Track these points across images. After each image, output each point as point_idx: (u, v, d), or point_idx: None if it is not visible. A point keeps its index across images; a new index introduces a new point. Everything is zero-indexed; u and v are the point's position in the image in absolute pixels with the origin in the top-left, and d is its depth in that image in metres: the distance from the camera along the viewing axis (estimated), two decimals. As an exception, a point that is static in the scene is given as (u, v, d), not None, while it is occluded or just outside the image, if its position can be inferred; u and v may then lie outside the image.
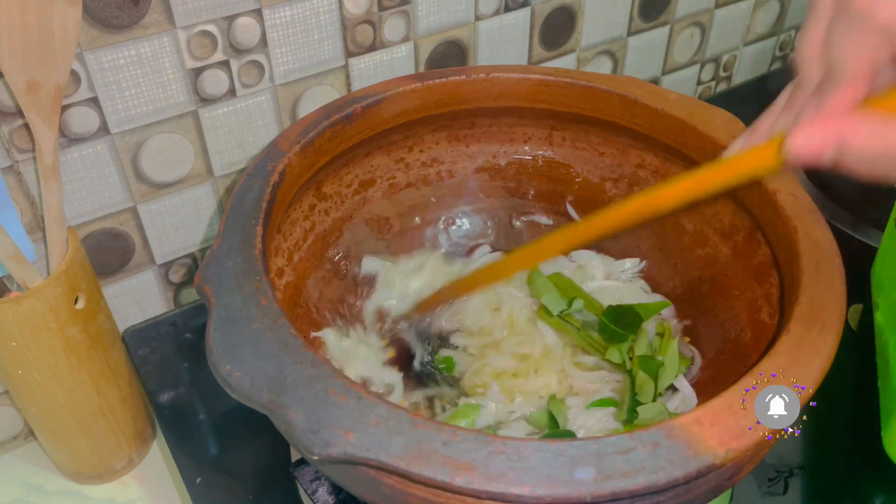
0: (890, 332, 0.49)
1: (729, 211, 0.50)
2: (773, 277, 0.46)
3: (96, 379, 0.50)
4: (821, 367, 0.34)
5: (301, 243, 0.51)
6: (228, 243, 0.40)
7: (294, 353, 0.34)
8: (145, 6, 0.48)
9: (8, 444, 0.59)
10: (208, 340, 0.35)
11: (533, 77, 0.54)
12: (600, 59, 0.74)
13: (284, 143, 0.47)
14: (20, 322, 0.44)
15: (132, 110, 0.51)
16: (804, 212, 0.43)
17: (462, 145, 0.58)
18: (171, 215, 0.57)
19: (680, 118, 0.50)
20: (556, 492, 0.30)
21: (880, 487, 0.49)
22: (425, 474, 0.30)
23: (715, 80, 0.87)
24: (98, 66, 0.48)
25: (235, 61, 0.53)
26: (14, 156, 0.48)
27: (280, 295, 0.47)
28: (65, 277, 0.46)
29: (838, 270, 0.39)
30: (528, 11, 0.65)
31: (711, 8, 0.79)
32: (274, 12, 0.53)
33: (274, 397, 0.32)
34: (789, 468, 0.49)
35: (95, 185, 0.52)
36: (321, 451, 0.31)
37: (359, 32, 0.57)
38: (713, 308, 0.50)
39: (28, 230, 0.50)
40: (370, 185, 0.56)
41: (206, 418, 0.54)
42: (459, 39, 0.63)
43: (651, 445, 0.31)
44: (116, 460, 0.55)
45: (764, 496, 0.48)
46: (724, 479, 0.35)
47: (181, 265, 0.60)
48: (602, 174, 0.57)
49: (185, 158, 0.55)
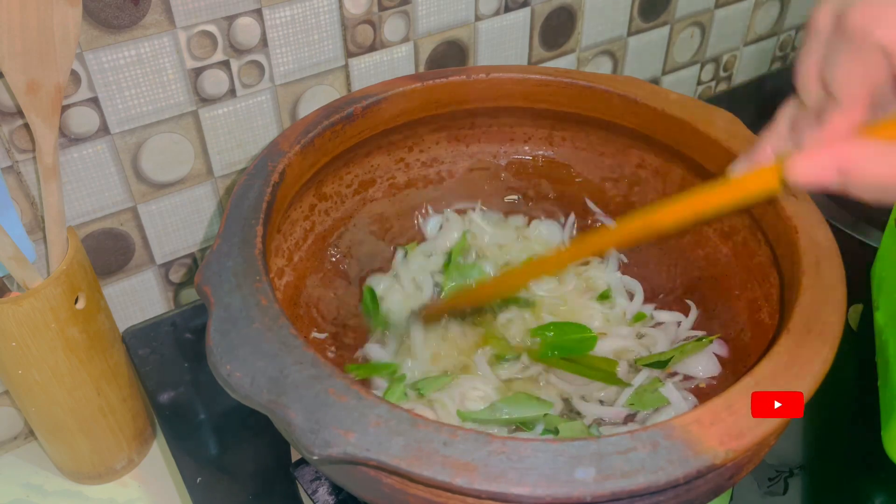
0: (890, 332, 0.49)
1: (729, 211, 0.50)
2: (773, 277, 0.46)
3: (96, 379, 0.50)
4: (821, 367, 0.34)
5: (301, 243, 0.51)
6: (228, 243, 0.40)
7: (294, 353, 0.34)
8: (145, 6, 0.48)
9: (8, 444, 0.59)
10: (208, 340, 0.35)
11: (533, 77, 0.54)
12: (600, 59, 0.74)
13: (284, 143, 0.47)
14: (20, 322, 0.44)
15: (132, 110, 0.51)
16: (804, 212, 0.43)
17: (462, 145, 0.58)
18: (171, 215, 0.57)
19: (680, 118, 0.50)
20: (556, 492, 0.30)
21: (880, 487, 0.49)
22: (425, 474, 0.30)
23: (715, 80, 0.87)
24: (98, 66, 0.48)
25: (235, 61, 0.53)
26: (14, 156, 0.48)
27: (280, 295, 0.47)
28: (65, 277, 0.46)
29: (838, 270, 0.39)
30: (528, 11, 0.65)
31: (711, 8, 0.79)
32: (274, 12, 0.53)
33: (274, 397, 0.32)
34: (789, 468, 0.49)
35: (95, 185, 0.52)
36: (321, 451, 0.31)
37: (359, 32, 0.57)
38: (713, 308, 0.50)
39: (28, 230, 0.50)
40: (370, 185, 0.56)
41: (206, 418, 0.54)
42: (459, 39, 0.63)
43: (651, 445, 0.31)
44: (116, 460, 0.55)
45: (764, 496, 0.48)
46: (724, 479, 0.35)
47: (181, 265, 0.60)
48: (602, 174, 0.57)
49: (185, 158, 0.55)
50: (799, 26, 0.90)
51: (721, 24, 0.81)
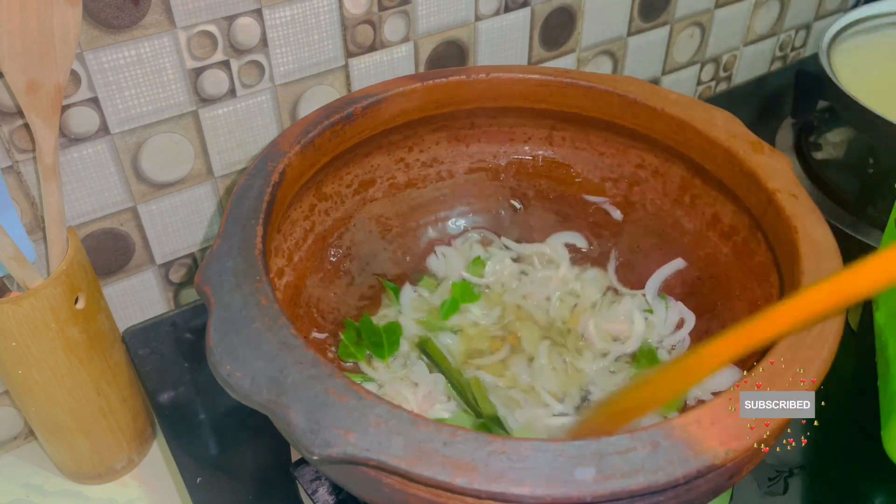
0: (890, 332, 0.49)
1: (729, 211, 0.50)
2: (773, 277, 0.46)
3: (96, 379, 0.50)
4: (821, 367, 0.34)
5: (301, 243, 0.51)
6: (228, 243, 0.40)
7: (294, 353, 0.34)
8: (145, 6, 0.48)
9: (8, 444, 0.59)
10: (208, 340, 0.35)
11: (533, 77, 0.54)
12: (600, 59, 0.74)
13: (284, 143, 0.47)
14: (20, 322, 0.44)
15: (132, 110, 0.51)
16: (804, 212, 0.43)
17: (462, 145, 0.58)
18: (171, 215, 0.57)
19: (680, 118, 0.50)
20: (556, 492, 0.30)
21: (880, 487, 0.49)
22: (425, 474, 0.30)
23: (715, 80, 0.87)
24: (98, 66, 0.48)
25: (235, 61, 0.53)
26: (14, 156, 0.48)
27: (280, 295, 0.47)
28: (65, 277, 0.46)
29: (838, 270, 0.39)
30: (528, 11, 0.65)
31: (711, 8, 0.79)
32: (274, 12, 0.53)
33: (274, 397, 0.32)
34: (789, 468, 0.49)
35: (95, 185, 0.52)
36: (321, 451, 0.31)
37: (359, 32, 0.57)
38: (713, 308, 0.50)
39: (28, 230, 0.50)
40: (370, 185, 0.56)
41: (206, 418, 0.54)
42: (459, 39, 0.63)
43: (651, 445, 0.31)
44: (116, 460, 0.55)
45: (764, 496, 0.48)
46: (724, 479, 0.35)
47: (181, 265, 0.60)
48: (602, 174, 0.57)
49: (185, 158, 0.55)
50: (799, 26, 0.90)
51: (721, 24, 0.81)
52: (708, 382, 0.46)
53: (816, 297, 0.31)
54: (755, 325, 0.32)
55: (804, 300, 0.31)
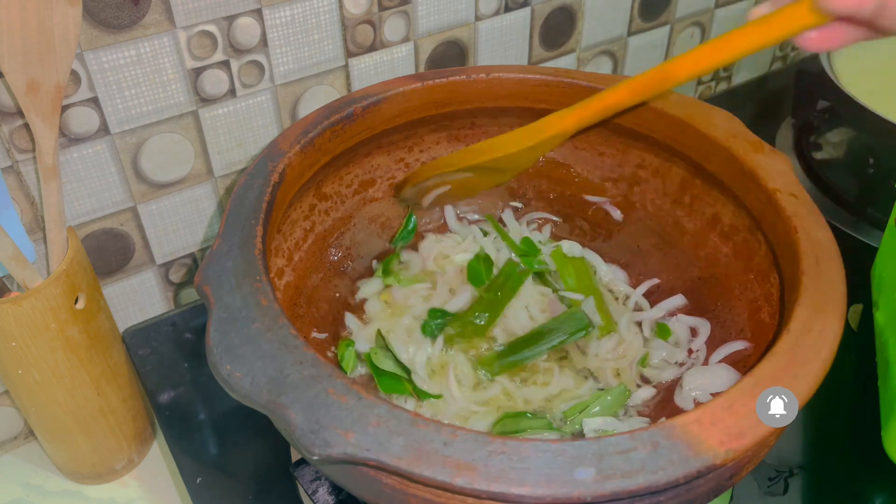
0: (890, 332, 0.49)
1: (729, 211, 0.50)
2: (773, 277, 0.46)
3: (96, 379, 0.50)
4: (821, 367, 0.34)
5: (301, 243, 0.51)
6: (228, 243, 0.40)
7: (294, 353, 0.34)
8: (145, 6, 0.48)
9: (8, 444, 0.59)
10: (208, 340, 0.35)
11: (533, 77, 0.54)
12: (600, 59, 0.74)
13: (284, 143, 0.47)
14: (20, 322, 0.44)
15: (132, 110, 0.51)
16: (804, 212, 0.43)
17: (462, 145, 0.58)
18: (171, 215, 0.57)
19: (680, 118, 0.50)
20: (556, 492, 0.30)
21: (880, 487, 0.49)
22: (425, 474, 0.30)
23: (715, 80, 0.87)
24: (98, 66, 0.48)
25: (235, 61, 0.53)
26: (14, 156, 0.48)
27: (280, 295, 0.47)
28: (65, 277, 0.46)
29: (838, 270, 0.39)
30: (528, 11, 0.65)
31: (711, 8, 0.79)
32: (274, 12, 0.53)
33: (274, 397, 0.32)
34: (789, 468, 0.49)
35: (95, 185, 0.52)
36: (321, 451, 0.31)
37: (359, 32, 0.57)
38: (713, 308, 0.50)
39: (28, 230, 0.50)
40: (370, 185, 0.56)
41: (206, 418, 0.54)
42: (459, 39, 0.63)
43: (651, 445, 0.31)
44: (116, 460, 0.55)
45: (764, 496, 0.48)
46: (724, 479, 0.35)
47: (181, 265, 0.60)
48: (602, 174, 0.57)
49: (185, 158, 0.55)
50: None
51: (721, 24, 0.81)
52: (706, 379, 0.46)
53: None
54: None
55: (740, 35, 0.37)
